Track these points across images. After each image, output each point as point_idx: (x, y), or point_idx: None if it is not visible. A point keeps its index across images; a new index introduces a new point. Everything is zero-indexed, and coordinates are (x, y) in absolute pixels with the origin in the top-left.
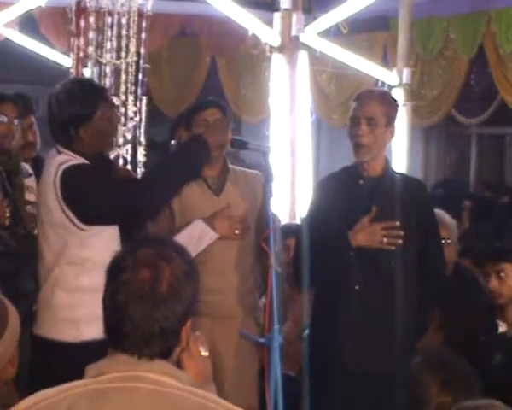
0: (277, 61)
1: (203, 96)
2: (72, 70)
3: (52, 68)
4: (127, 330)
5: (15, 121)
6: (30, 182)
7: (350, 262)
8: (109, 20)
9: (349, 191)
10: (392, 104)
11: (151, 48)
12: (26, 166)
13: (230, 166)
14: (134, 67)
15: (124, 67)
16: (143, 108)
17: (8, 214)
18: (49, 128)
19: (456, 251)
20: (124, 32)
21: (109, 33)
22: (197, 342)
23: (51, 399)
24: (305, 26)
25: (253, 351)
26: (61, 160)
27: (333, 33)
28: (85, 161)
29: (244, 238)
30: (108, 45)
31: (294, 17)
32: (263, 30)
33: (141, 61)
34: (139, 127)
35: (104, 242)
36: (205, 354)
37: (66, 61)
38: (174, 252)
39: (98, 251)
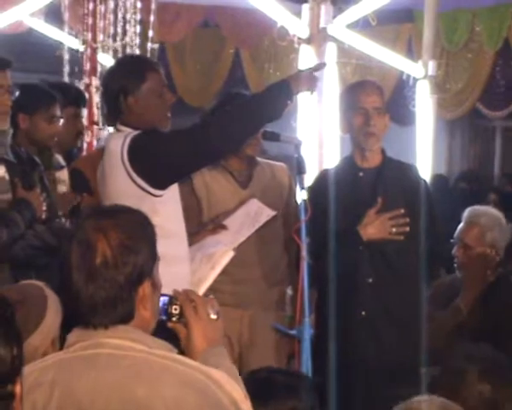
0: (305, 53)
1: (227, 87)
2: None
3: (77, 58)
4: (74, 304)
5: (61, 121)
6: (62, 175)
7: (360, 257)
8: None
9: (349, 185)
10: (384, 94)
11: (174, 38)
12: (59, 159)
13: (257, 158)
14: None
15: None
16: None
17: (45, 208)
18: (104, 105)
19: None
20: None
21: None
22: (207, 305)
23: (27, 370)
24: (334, 17)
25: (282, 343)
26: (124, 133)
27: (360, 25)
28: None
29: (272, 226)
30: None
31: (323, 8)
32: (291, 21)
33: (149, 44)
34: None
35: (172, 208)
36: (214, 317)
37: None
38: (114, 222)
39: (167, 218)
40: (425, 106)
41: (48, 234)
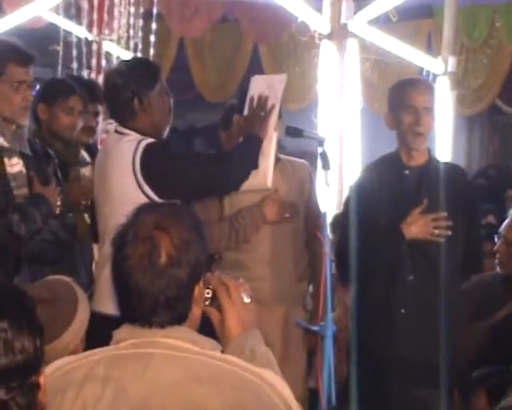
0: (326, 49)
1: (245, 83)
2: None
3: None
4: (133, 303)
5: (80, 115)
6: (86, 171)
7: (402, 254)
8: None
9: (394, 183)
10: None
11: (194, 34)
12: (85, 155)
13: (279, 155)
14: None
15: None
16: None
17: (59, 203)
18: (111, 106)
19: None
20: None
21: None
22: (239, 289)
23: (71, 365)
24: (354, 13)
25: (302, 339)
26: (134, 137)
27: (380, 21)
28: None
29: (293, 222)
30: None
31: (344, 4)
32: (312, 17)
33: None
34: None
35: None
36: (247, 300)
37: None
38: (174, 219)
39: None
40: (444, 102)
41: (61, 229)
